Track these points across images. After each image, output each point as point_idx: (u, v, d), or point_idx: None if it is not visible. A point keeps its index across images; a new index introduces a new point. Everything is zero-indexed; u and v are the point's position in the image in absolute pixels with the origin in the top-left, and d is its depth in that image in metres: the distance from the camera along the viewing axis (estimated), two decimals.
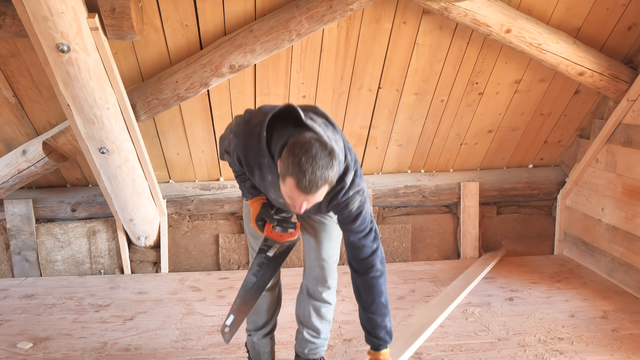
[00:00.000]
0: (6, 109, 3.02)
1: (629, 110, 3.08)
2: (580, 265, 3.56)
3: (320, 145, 1.48)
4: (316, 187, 1.48)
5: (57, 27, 2.23)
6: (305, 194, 1.50)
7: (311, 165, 1.45)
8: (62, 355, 2.47)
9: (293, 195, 1.52)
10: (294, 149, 1.47)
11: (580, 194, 3.58)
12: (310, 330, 2.12)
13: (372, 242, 1.81)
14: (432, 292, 3.16)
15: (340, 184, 1.67)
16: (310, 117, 1.61)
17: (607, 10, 2.87)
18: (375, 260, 1.82)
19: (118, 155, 2.86)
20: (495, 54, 3.04)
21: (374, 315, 1.85)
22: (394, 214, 3.83)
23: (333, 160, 1.50)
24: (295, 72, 3.00)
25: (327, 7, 2.55)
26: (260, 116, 1.68)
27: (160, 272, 3.57)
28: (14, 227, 3.51)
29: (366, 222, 1.79)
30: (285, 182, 1.51)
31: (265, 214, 1.89)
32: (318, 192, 1.50)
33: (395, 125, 3.40)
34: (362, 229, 1.78)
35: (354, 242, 1.80)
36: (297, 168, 1.45)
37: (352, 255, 1.84)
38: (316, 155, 1.46)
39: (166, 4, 2.58)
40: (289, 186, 1.50)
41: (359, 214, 1.75)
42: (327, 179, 1.49)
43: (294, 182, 1.48)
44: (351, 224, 1.77)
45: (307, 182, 1.46)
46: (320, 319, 2.09)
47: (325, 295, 2.05)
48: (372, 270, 1.82)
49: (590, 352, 2.44)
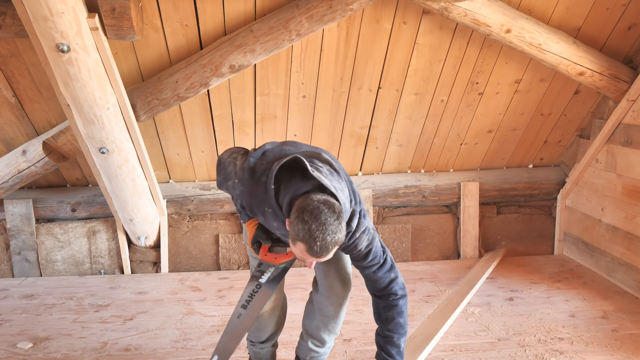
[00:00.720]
0: (6, 109, 3.02)
1: (629, 110, 3.08)
2: (580, 265, 3.56)
3: (328, 210, 1.51)
4: (327, 251, 1.52)
5: (57, 27, 2.23)
6: (316, 258, 1.54)
7: (321, 232, 1.49)
8: (62, 355, 2.47)
9: (304, 257, 1.56)
10: (303, 215, 1.50)
11: (580, 194, 3.58)
12: (315, 341, 2.10)
13: (388, 272, 1.84)
14: (432, 292, 3.16)
15: (347, 229, 1.68)
16: (316, 167, 1.62)
17: (607, 10, 2.87)
18: (395, 288, 1.84)
19: (118, 155, 2.86)
20: (495, 54, 3.04)
21: (391, 333, 1.87)
22: (394, 214, 3.83)
23: (341, 222, 1.54)
24: (295, 72, 3.00)
25: (327, 7, 2.55)
26: (264, 164, 1.68)
27: (160, 272, 3.57)
28: (14, 227, 3.51)
29: (378, 256, 1.81)
30: (296, 245, 1.54)
31: (261, 237, 1.88)
32: (329, 254, 1.55)
33: (395, 125, 3.40)
34: (375, 263, 1.81)
35: (369, 275, 1.83)
36: (308, 235, 1.49)
37: (370, 286, 1.87)
38: (326, 222, 1.49)
39: (166, 4, 2.58)
40: (300, 250, 1.53)
41: (368, 251, 1.78)
42: (337, 242, 1.53)
43: (305, 248, 1.52)
44: (363, 260, 1.80)
45: (319, 248, 1.50)
46: (329, 332, 2.07)
47: (339, 311, 2.03)
48: (393, 296, 1.85)
49: (590, 352, 2.44)
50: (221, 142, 3.38)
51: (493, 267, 3.47)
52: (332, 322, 2.04)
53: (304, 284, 3.24)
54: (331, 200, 1.54)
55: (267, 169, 1.64)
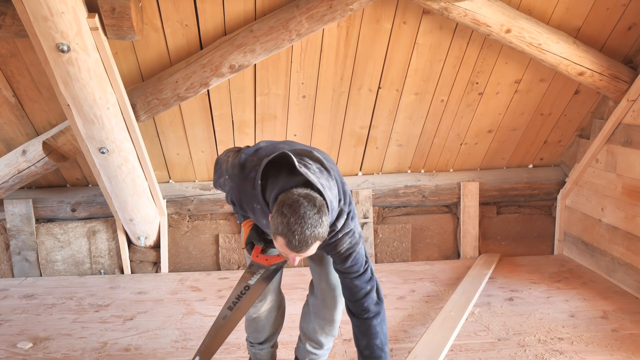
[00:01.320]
0: (6, 109, 3.02)
1: (629, 110, 3.08)
2: (580, 265, 3.56)
3: (309, 203, 1.48)
4: (306, 246, 1.49)
5: (57, 27, 2.23)
6: (296, 252, 1.52)
7: (300, 226, 1.46)
8: (62, 355, 2.47)
9: (285, 251, 1.54)
10: (282, 208, 1.48)
11: (580, 194, 3.58)
12: (313, 343, 2.09)
13: (365, 283, 1.79)
14: (432, 292, 3.16)
15: (331, 228, 1.66)
16: (304, 164, 1.60)
17: (607, 10, 2.87)
18: (369, 303, 1.80)
19: (118, 155, 2.86)
20: (495, 54, 3.04)
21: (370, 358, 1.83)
22: (394, 214, 3.82)
23: (322, 216, 1.50)
24: (295, 72, 3.00)
25: (327, 7, 2.55)
26: (255, 160, 1.68)
27: (160, 272, 3.57)
28: (14, 227, 3.51)
29: (359, 264, 1.76)
30: (277, 240, 1.52)
31: (254, 237, 1.87)
32: (309, 249, 1.52)
33: (395, 125, 3.40)
34: (354, 270, 1.76)
35: (346, 282, 1.79)
36: (287, 228, 1.47)
37: (346, 295, 1.83)
38: (305, 215, 1.46)
39: (166, 4, 2.58)
40: (280, 244, 1.52)
41: (349, 255, 1.73)
42: (317, 236, 1.50)
43: (284, 242, 1.50)
44: (342, 264, 1.75)
45: (297, 242, 1.48)
46: (326, 335, 2.06)
47: (334, 314, 2.01)
48: (366, 312, 1.80)
49: (590, 352, 2.44)
50: (221, 142, 3.38)
51: (489, 276, 3.41)
52: (328, 326, 2.03)
53: (304, 284, 3.24)
54: (313, 195, 1.51)
55: (257, 165, 1.63)
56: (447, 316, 2.71)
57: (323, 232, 1.52)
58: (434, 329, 2.57)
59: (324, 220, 1.51)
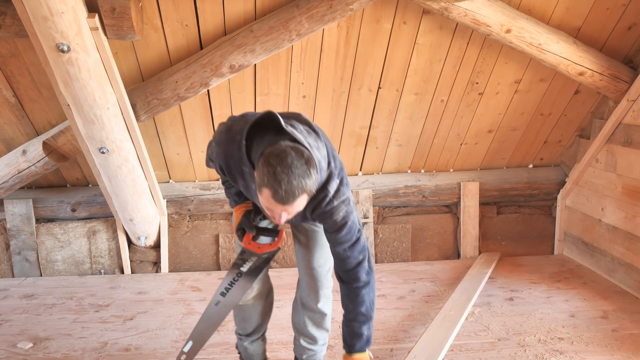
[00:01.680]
0: (6, 109, 3.02)
1: (629, 110, 3.08)
2: (580, 265, 3.56)
3: (296, 154, 1.44)
4: (293, 197, 1.44)
5: (57, 27, 2.23)
6: (282, 205, 1.46)
7: (287, 175, 1.41)
8: (62, 355, 2.47)
9: (270, 206, 1.49)
10: (269, 158, 1.44)
11: (580, 194, 3.58)
12: (306, 338, 2.09)
13: (358, 254, 1.77)
14: (432, 292, 3.16)
15: (323, 192, 1.64)
16: (291, 124, 1.58)
17: (607, 10, 2.87)
18: (361, 272, 1.78)
19: (118, 155, 2.86)
20: (495, 54, 3.04)
21: (352, 322, 1.83)
22: (394, 214, 3.83)
23: (310, 168, 1.45)
24: (295, 72, 3.00)
25: (327, 7, 2.55)
26: (241, 124, 1.65)
27: (160, 272, 3.57)
28: (14, 227, 3.51)
29: (352, 233, 1.74)
30: (262, 193, 1.47)
31: (246, 224, 1.84)
32: (296, 202, 1.46)
33: (395, 125, 3.40)
34: (347, 239, 1.73)
35: (339, 252, 1.76)
36: (273, 178, 1.42)
37: (337, 265, 1.81)
38: (292, 165, 1.42)
39: (166, 4, 2.58)
40: (266, 197, 1.47)
41: (344, 224, 1.70)
42: (305, 188, 1.45)
43: (270, 193, 1.44)
44: (336, 233, 1.73)
45: (284, 193, 1.42)
46: (317, 327, 2.06)
47: (320, 306, 2.00)
48: (356, 282, 1.79)
49: (590, 352, 2.44)
50: None
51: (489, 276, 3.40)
52: (317, 316, 2.02)
53: None
54: (300, 147, 1.47)
55: (243, 128, 1.60)
56: (447, 316, 2.71)
57: (311, 186, 1.47)
58: (433, 328, 2.57)
59: (312, 173, 1.46)
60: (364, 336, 1.84)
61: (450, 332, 2.53)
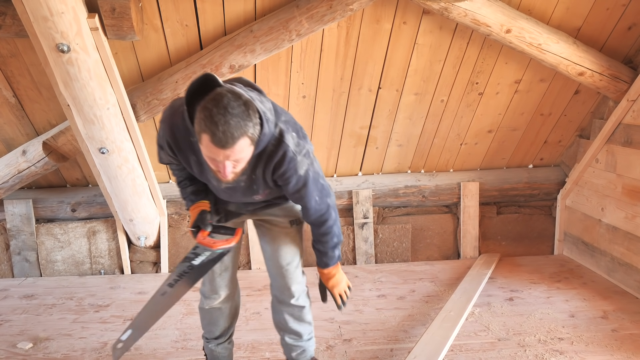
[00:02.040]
0: (6, 109, 3.02)
1: (629, 110, 3.08)
2: (580, 265, 3.56)
3: (233, 96, 1.39)
4: (232, 139, 1.38)
5: (57, 27, 2.23)
6: (222, 149, 1.39)
7: (223, 116, 1.36)
8: (62, 355, 2.47)
9: (211, 154, 1.43)
10: (205, 104, 1.39)
11: (580, 194, 3.58)
12: (291, 335, 2.08)
13: (327, 198, 1.78)
14: (432, 292, 3.16)
15: (282, 148, 1.60)
16: (231, 83, 1.56)
17: (607, 10, 2.87)
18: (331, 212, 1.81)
19: (118, 155, 2.86)
20: (495, 54, 3.04)
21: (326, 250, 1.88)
22: (394, 214, 3.83)
23: (249, 110, 1.41)
24: (295, 72, 3.00)
25: (327, 7, 2.55)
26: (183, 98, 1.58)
27: (160, 272, 3.57)
28: (14, 227, 3.51)
29: (318, 181, 1.73)
30: (202, 142, 1.41)
31: (201, 221, 1.80)
32: (236, 145, 1.40)
33: (395, 125, 3.40)
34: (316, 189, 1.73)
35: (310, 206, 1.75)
36: (209, 121, 1.37)
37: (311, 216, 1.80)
38: (228, 105, 1.37)
39: (166, 4, 2.58)
40: (206, 145, 1.41)
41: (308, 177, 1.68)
42: (245, 130, 1.40)
43: (208, 138, 1.38)
44: (304, 188, 1.70)
45: (222, 134, 1.36)
46: (298, 322, 2.05)
47: (294, 301, 2.01)
48: (328, 220, 1.82)
49: (590, 352, 2.44)
50: None
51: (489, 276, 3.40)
52: (296, 310, 2.02)
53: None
54: (238, 91, 1.42)
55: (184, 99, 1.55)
56: (447, 316, 2.71)
57: (252, 130, 1.42)
58: (433, 328, 2.56)
59: (251, 116, 1.41)
60: (337, 256, 1.92)
61: (450, 332, 2.52)
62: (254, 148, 1.52)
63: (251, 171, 1.66)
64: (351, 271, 3.55)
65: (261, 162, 1.64)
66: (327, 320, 2.79)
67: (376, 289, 3.22)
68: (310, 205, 1.76)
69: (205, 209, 1.83)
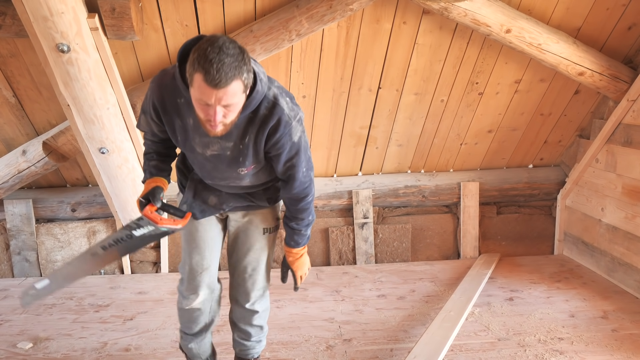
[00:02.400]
0: (6, 109, 3.02)
1: (629, 110, 3.08)
2: (580, 265, 3.56)
3: (228, 39, 1.37)
4: (226, 78, 1.34)
5: (57, 27, 2.23)
6: (215, 89, 1.36)
7: (218, 54, 1.33)
8: (62, 355, 2.47)
9: (203, 95, 1.38)
10: (200, 44, 1.37)
11: (580, 194, 3.58)
12: (239, 333, 2.07)
13: (310, 173, 1.76)
14: (432, 292, 3.16)
15: (277, 112, 1.56)
16: None
17: (607, 10, 2.87)
18: (311, 187, 1.78)
19: (118, 155, 2.86)
20: (495, 54, 3.04)
21: (300, 227, 1.85)
22: (394, 214, 3.83)
23: (244, 55, 1.38)
24: (295, 72, 3.00)
25: (327, 7, 2.55)
26: None
27: (160, 272, 3.57)
28: (14, 227, 3.51)
29: (307, 154, 1.71)
30: (194, 83, 1.38)
31: (152, 194, 1.72)
32: (230, 87, 1.37)
33: (395, 125, 3.40)
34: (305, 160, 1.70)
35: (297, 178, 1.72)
36: (204, 59, 1.33)
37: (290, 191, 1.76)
38: (223, 45, 1.34)
39: (166, 4, 2.58)
40: (198, 86, 1.37)
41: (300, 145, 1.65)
42: (239, 71, 1.37)
43: (201, 77, 1.35)
44: (296, 157, 1.66)
45: (215, 72, 1.33)
46: (249, 325, 2.03)
47: (249, 306, 1.98)
48: (308, 196, 1.79)
49: (590, 352, 2.44)
50: None
51: (489, 276, 3.40)
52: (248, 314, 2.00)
53: (304, 284, 3.25)
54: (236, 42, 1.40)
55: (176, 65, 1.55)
56: (447, 316, 2.71)
57: (246, 74, 1.39)
58: (433, 328, 2.56)
59: (246, 61, 1.39)
60: (308, 235, 1.91)
61: (450, 332, 2.52)
62: (246, 101, 1.49)
63: (241, 137, 1.61)
64: (351, 271, 3.55)
65: (253, 127, 1.59)
66: (327, 320, 2.79)
67: (376, 289, 3.22)
68: (298, 176, 1.72)
69: (161, 186, 1.76)
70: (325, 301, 3.03)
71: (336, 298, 3.09)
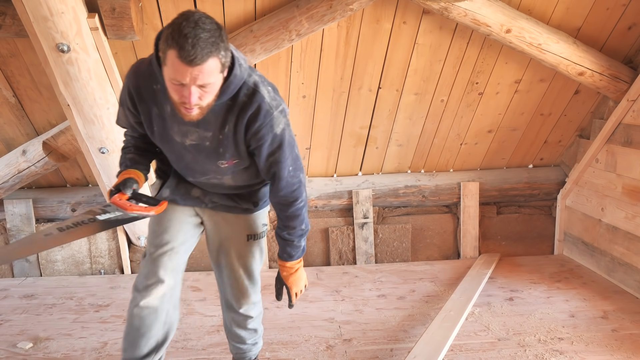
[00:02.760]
0: (6, 109, 3.02)
1: (629, 110, 3.08)
2: (580, 265, 3.56)
3: (204, 14, 1.31)
4: (202, 54, 1.27)
5: (57, 27, 2.23)
6: (190, 66, 1.28)
7: (194, 29, 1.26)
8: (62, 355, 2.47)
9: (177, 74, 1.31)
10: (174, 20, 1.30)
11: (580, 194, 3.58)
12: (234, 337, 2.03)
13: (300, 171, 1.66)
14: (432, 292, 3.16)
15: (256, 100, 1.49)
16: None
17: (607, 10, 2.87)
18: (301, 190, 1.68)
19: (118, 155, 2.85)
20: (495, 54, 3.04)
21: (293, 237, 1.75)
22: (394, 214, 3.83)
23: (221, 32, 1.31)
24: (295, 72, 3.00)
25: (327, 7, 2.55)
26: None
27: None
28: (14, 227, 3.51)
29: (293, 146, 1.61)
30: (168, 61, 1.31)
31: (123, 184, 1.62)
32: (206, 65, 1.30)
33: (395, 125, 3.41)
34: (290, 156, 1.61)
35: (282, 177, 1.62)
36: (178, 34, 1.26)
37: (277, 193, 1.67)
38: (199, 20, 1.28)
39: (166, 4, 2.58)
40: (172, 63, 1.30)
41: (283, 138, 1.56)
42: (215, 48, 1.29)
43: (175, 53, 1.28)
44: (279, 151, 1.57)
45: (191, 47, 1.25)
46: (242, 329, 1.98)
47: (242, 311, 1.92)
48: (298, 201, 1.69)
49: (590, 352, 2.44)
50: None
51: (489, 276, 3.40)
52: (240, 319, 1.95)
53: None
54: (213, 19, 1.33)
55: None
56: (447, 316, 2.71)
57: (223, 52, 1.33)
58: (433, 328, 2.56)
59: (223, 38, 1.32)
60: (302, 247, 1.80)
61: (450, 332, 2.52)
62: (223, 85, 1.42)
63: (220, 126, 1.54)
64: (351, 271, 3.56)
65: (232, 115, 1.52)
66: (327, 320, 2.79)
67: (376, 289, 3.22)
68: (283, 174, 1.62)
69: (134, 177, 1.66)
70: (325, 301, 3.03)
71: (336, 298, 3.09)
